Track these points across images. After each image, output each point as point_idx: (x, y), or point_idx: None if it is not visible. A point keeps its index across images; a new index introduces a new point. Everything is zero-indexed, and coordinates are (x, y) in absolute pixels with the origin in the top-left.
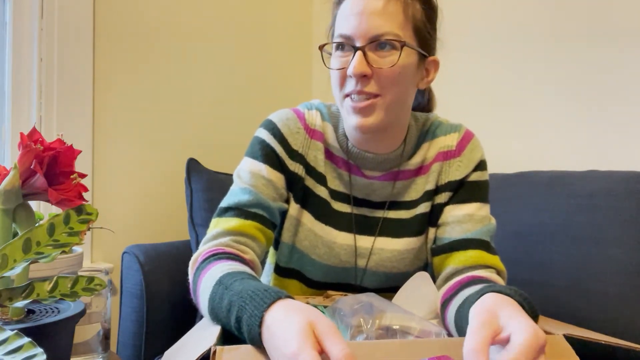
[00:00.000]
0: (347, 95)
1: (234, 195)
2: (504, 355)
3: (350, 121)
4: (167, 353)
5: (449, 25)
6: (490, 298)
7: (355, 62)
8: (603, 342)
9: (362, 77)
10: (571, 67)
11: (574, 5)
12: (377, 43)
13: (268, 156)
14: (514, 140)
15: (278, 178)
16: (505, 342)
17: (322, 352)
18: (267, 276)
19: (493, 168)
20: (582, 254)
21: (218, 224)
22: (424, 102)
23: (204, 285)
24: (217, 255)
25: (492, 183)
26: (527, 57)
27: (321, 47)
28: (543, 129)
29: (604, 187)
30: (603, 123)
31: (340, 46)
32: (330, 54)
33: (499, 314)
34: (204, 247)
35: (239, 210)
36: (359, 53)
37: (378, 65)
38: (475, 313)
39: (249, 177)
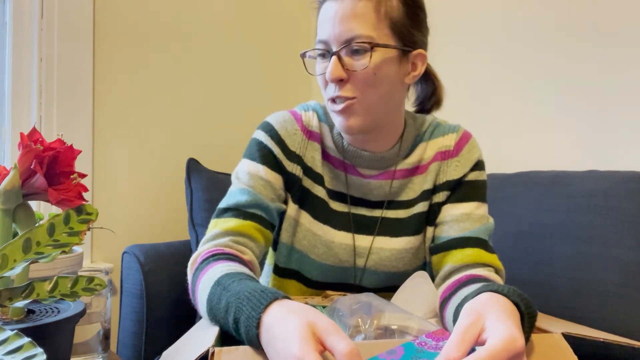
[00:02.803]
0: (329, 99)
1: (232, 196)
2: (473, 355)
3: (336, 123)
4: (165, 353)
5: (450, 24)
6: (482, 298)
7: (331, 68)
8: (602, 340)
9: (339, 82)
10: (571, 66)
11: (575, 4)
12: (350, 47)
13: (266, 157)
14: (514, 140)
15: (276, 179)
16: (483, 343)
17: (324, 352)
18: (266, 277)
19: (493, 168)
20: (582, 254)
21: (217, 225)
22: (430, 91)
23: (202, 286)
24: (216, 256)
25: (492, 183)
26: (527, 57)
27: (302, 55)
28: (543, 129)
29: (604, 187)
30: (603, 123)
31: (320, 51)
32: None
33: (486, 315)
34: (203, 248)
35: (237, 211)
36: (334, 58)
37: (352, 68)
38: (464, 312)
39: (247, 178)
